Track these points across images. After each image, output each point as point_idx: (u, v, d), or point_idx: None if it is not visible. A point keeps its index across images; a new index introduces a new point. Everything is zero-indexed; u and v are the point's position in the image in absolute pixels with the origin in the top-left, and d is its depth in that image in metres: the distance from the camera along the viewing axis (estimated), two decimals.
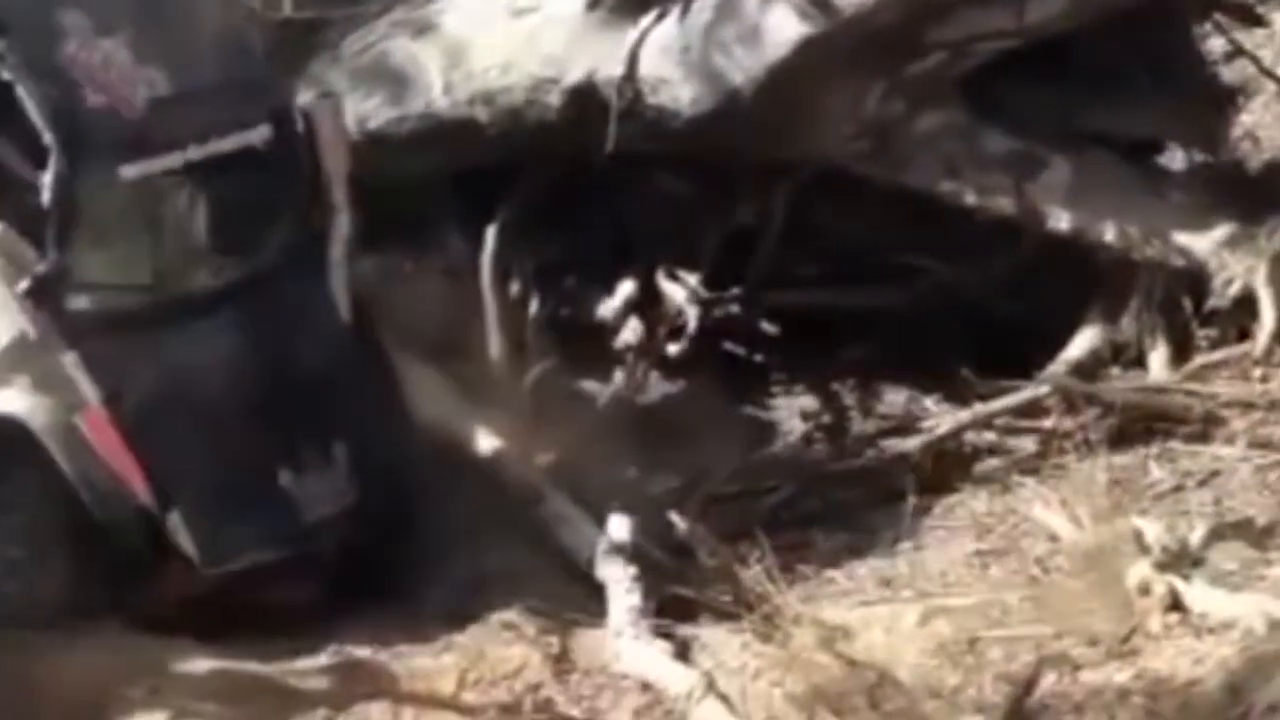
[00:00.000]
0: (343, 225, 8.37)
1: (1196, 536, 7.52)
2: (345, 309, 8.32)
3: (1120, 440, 8.47)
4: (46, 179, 7.86)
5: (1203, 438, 8.50)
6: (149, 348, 7.99)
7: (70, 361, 7.89)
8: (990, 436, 8.83)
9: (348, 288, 8.33)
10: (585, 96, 9.52)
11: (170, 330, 8.04)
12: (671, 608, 7.86)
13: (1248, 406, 8.58)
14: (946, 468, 8.70)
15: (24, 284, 7.90)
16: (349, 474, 8.11)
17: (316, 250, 8.33)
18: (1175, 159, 9.62)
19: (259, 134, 8.29)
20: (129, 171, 7.99)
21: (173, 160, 8.07)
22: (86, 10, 8.08)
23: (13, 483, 7.94)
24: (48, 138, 7.90)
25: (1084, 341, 9.15)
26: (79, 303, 7.94)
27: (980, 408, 8.89)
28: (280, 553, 7.99)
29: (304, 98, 8.64)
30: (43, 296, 7.90)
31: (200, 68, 8.28)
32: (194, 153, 8.10)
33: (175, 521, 7.85)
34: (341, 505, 8.10)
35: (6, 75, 7.96)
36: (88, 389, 7.86)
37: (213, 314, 8.11)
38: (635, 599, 7.85)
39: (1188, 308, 9.12)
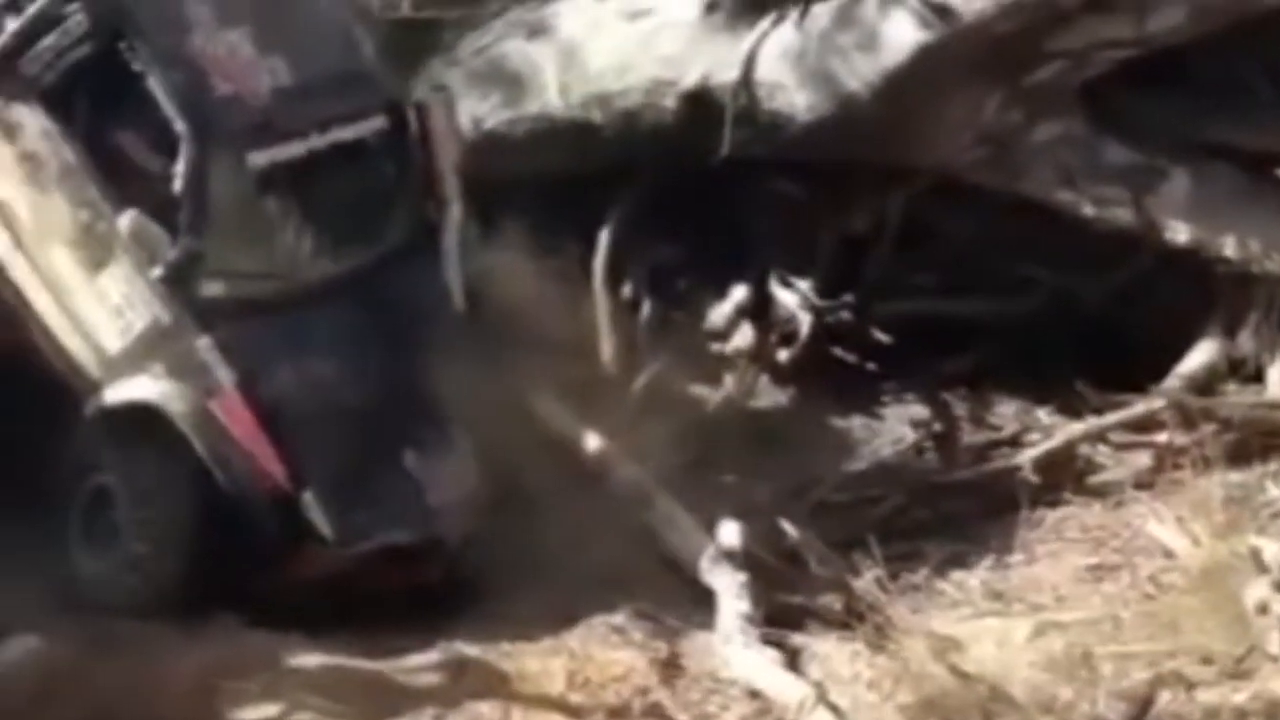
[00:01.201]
0: (455, 216, 8.46)
1: None
2: (459, 297, 8.40)
3: (1237, 456, 8.38)
4: (178, 167, 7.98)
5: None
6: (279, 332, 8.09)
7: (204, 346, 7.99)
8: (1104, 450, 8.77)
9: (461, 277, 8.41)
10: (701, 100, 9.51)
11: (298, 315, 8.14)
12: (781, 615, 7.84)
13: None
14: (1059, 480, 8.64)
15: (157, 270, 8.01)
16: (468, 460, 8.18)
17: (431, 240, 8.42)
18: None
19: (375, 125, 8.39)
20: (257, 158, 8.11)
21: (297, 148, 8.18)
22: (212, 3, 8.20)
23: (144, 474, 8.03)
24: (178, 126, 8.02)
25: (1201, 355, 9.07)
26: (212, 289, 8.05)
27: (1094, 420, 8.83)
28: (408, 534, 8.06)
29: (417, 93, 8.67)
30: (176, 282, 8.01)
31: (318, 59, 8.39)
32: (316, 141, 8.21)
33: (309, 501, 7.93)
34: (463, 490, 8.17)
35: (137, 66, 8.07)
36: (222, 373, 7.96)
37: (336, 300, 8.21)
38: (744, 606, 7.83)
39: None
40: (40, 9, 8.22)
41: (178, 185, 7.99)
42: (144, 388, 8.05)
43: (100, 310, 8.14)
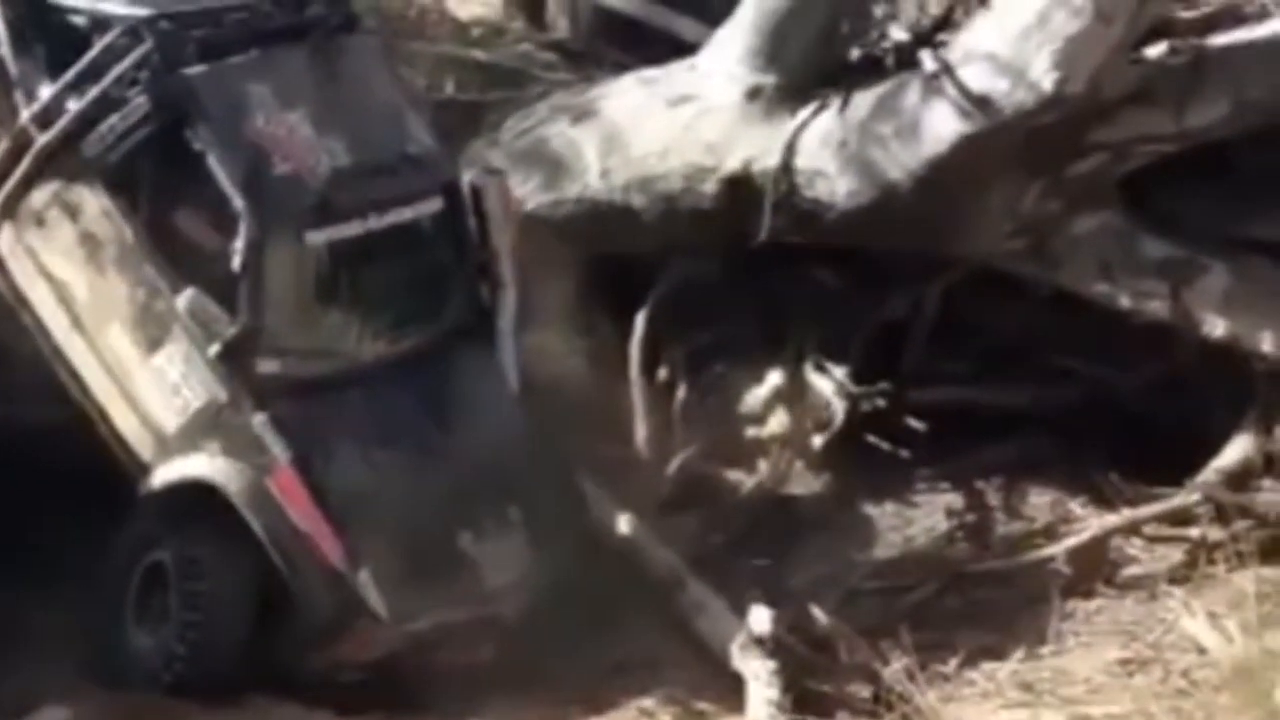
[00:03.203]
0: (510, 299, 8.51)
1: None
2: (514, 380, 8.43)
3: (1271, 552, 8.35)
4: (236, 244, 8.05)
5: None
6: (336, 410, 8.16)
7: (260, 423, 8.05)
8: (1138, 543, 8.76)
9: (516, 360, 8.44)
10: (741, 186, 9.55)
11: (355, 394, 8.21)
12: (810, 702, 7.83)
13: None
14: (1092, 572, 8.63)
15: (215, 348, 8.07)
16: (526, 540, 8.19)
17: (486, 323, 8.47)
18: None
19: (431, 206, 8.47)
20: (315, 237, 8.19)
21: (354, 228, 8.26)
22: (272, 85, 8.30)
23: (198, 550, 8.04)
24: (237, 203, 8.10)
25: (1236, 450, 9.05)
26: (268, 366, 8.12)
27: (1128, 513, 8.82)
28: (464, 613, 8.07)
29: (470, 174, 8.76)
30: (233, 360, 8.08)
31: (376, 141, 8.48)
32: (373, 222, 8.28)
33: (365, 579, 7.94)
34: (521, 570, 8.17)
35: (198, 146, 8.16)
36: (278, 450, 8.02)
37: (393, 381, 8.26)
38: (774, 692, 7.84)
39: None
40: (103, 91, 8.33)
41: (236, 263, 8.08)
42: (200, 465, 8.10)
43: (157, 389, 8.20)
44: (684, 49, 10.21)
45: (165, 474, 8.16)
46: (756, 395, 9.63)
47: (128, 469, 8.27)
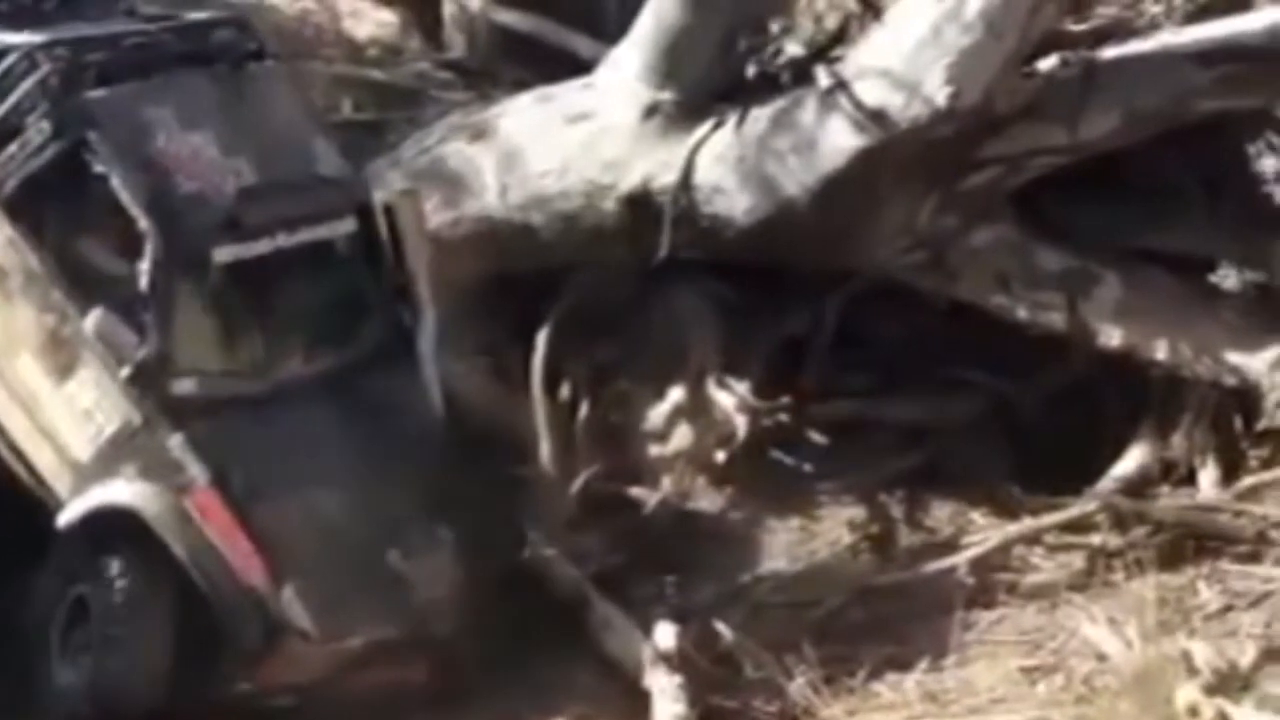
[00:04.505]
0: (431, 320, 8.47)
1: (1246, 659, 7.50)
2: (438, 401, 8.38)
3: (1169, 559, 8.45)
4: (143, 265, 7.97)
5: (1253, 558, 8.48)
6: (254, 430, 8.06)
7: (176, 444, 7.95)
8: (1039, 552, 8.82)
9: (440, 381, 8.40)
10: (640, 203, 9.58)
11: (272, 413, 8.11)
12: (716, 717, 7.87)
13: None
14: (994, 582, 8.69)
15: (127, 370, 7.98)
16: (455, 558, 8.12)
17: (406, 345, 8.42)
18: (1228, 278, 9.63)
19: (344, 227, 8.43)
20: (222, 255, 8.09)
21: (263, 246, 8.19)
22: (173, 108, 8.25)
23: (119, 578, 7.91)
24: (142, 223, 8.02)
25: (1134, 459, 9.15)
26: (182, 387, 8.02)
27: (1029, 523, 8.89)
28: (394, 630, 7.98)
29: (383, 195, 8.72)
30: (146, 381, 7.98)
31: (283, 162, 8.43)
32: (283, 240, 8.22)
33: (289, 597, 7.85)
34: (449, 588, 8.10)
35: (100, 168, 8.09)
36: (195, 470, 7.92)
37: (311, 401, 8.17)
38: (680, 708, 7.86)
39: (1238, 427, 9.12)
40: (1, 118, 8.23)
41: (143, 283, 7.99)
42: (118, 491, 7.99)
43: (70, 417, 8.10)
44: (581, 67, 10.23)
45: (83, 503, 8.05)
46: (659, 412, 9.65)
47: (49, 504, 8.13)
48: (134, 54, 8.44)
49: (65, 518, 8.08)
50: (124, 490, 7.98)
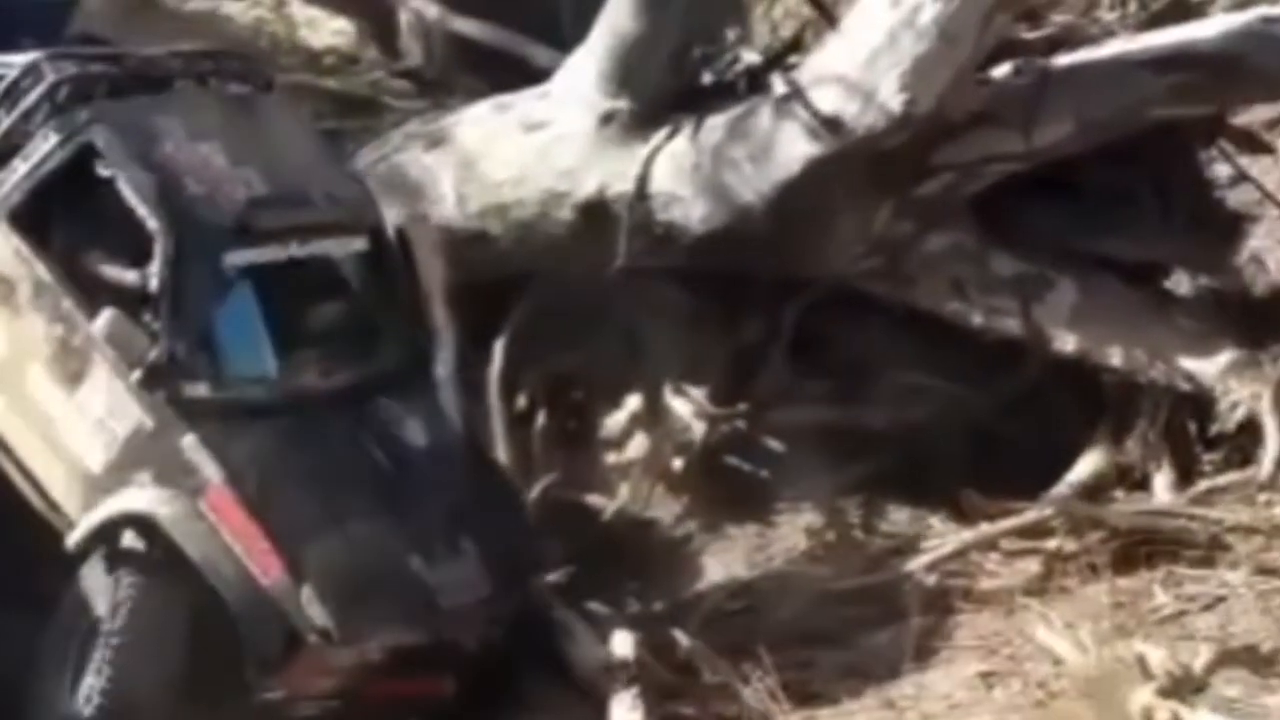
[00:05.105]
0: (449, 343, 8.43)
1: (1200, 662, 7.53)
2: (458, 421, 8.31)
3: (1124, 564, 8.49)
4: (152, 267, 7.88)
5: (1207, 562, 8.52)
6: (270, 434, 7.90)
7: (190, 444, 7.80)
8: (995, 557, 8.85)
9: (458, 401, 8.35)
10: (597, 211, 9.59)
11: (289, 421, 7.98)
12: None
13: (1252, 532, 8.60)
14: (950, 588, 8.72)
15: (138, 373, 7.86)
16: (480, 567, 7.98)
17: (423, 366, 8.34)
18: (1181, 283, 9.68)
19: (356, 245, 8.37)
20: (234, 259, 8.01)
21: (276, 253, 8.10)
22: (181, 119, 8.21)
23: (136, 592, 7.73)
24: (151, 225, 7.92)
25: (1089, 464, 9.18)
26: (196, 390, 7.89)
27: (985, 528, 8.91)
28: (416, 636, 7.81)
29: (396, 217, 8.66)
30: (158, 384, 7.84)
31: (294, 175, 8.36)
32: (296, 250, 8.14)
33: (308, 596, 7.64)
34: (476, 596, 7.95)
35: (107, 172, 8.00)
36: (210, 470, 7.75)
37: (330, 412, 8.05)
38: (638, 715, 7.88)
39: (1193, 432, 9.17)
40: (4, 131, 8.16)
41: (153, 284, 7.88)
42: (131, 498, 7.79)
43: (83, 428, 7.93)
44: (537, 75, 10.24)
45: (96, 515, 7.85)
46: (616, 420, 9.66)
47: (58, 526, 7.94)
48: (141, 70, 8.41)
49: (75, 535, 7.87)
50: (138, 497, 7.78)
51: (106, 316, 7.87)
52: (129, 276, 8.01)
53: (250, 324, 8.13)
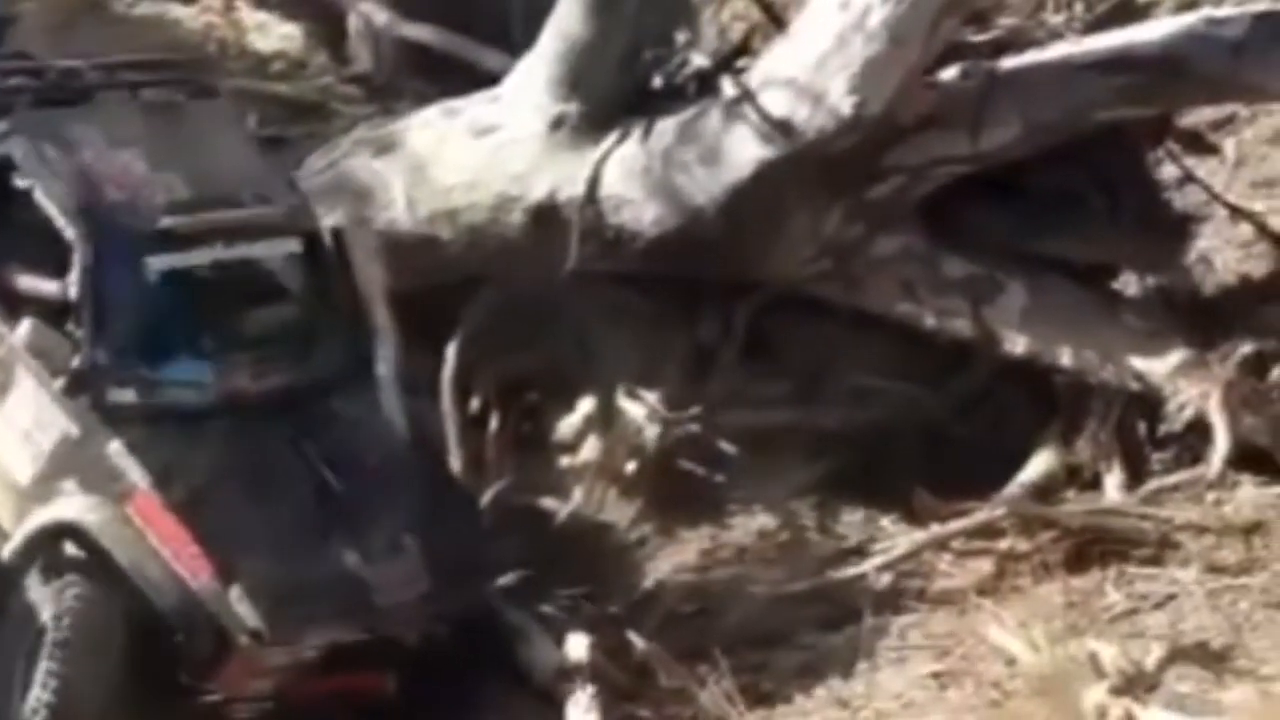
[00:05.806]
0: (390, 345, 8.37)
1: (1152, 660, 7.58)
2: (402, 424, 8.27)
3: (1076, 563, 8.53)
4: (72, 275, 7.85)
5: (1158, 561, 8.57)
6: (197, 438, 7.88)
7: (115, 450, 7.78)
8: (947, 557, 8.88)
9: (401, 402, 8.30)
10: (547, 215, 9.60)
11: (218, 425, 7.95)
12: None
13: (1202, 530, 8.66)
14: (904, 588, 8.75)
15: (61, 381, 7.84)
16: (421, 563, 7.93)
17: (363, 369, 8.30)
18: (1130, 284, 9.73)
19: (288, 247, 8.34)
20: (156, 263, 7.98)
21: (200, 256, 8.07)
22: (100, 128, 8.18)
23: (69, 598, 7.71)
24: (69, 232, 7.90)
25: (1039, 464, 9.23)
26: (121, 396, 7.87)
27: (937, 529, 8.95)
28: (351, 632, 7.77)
29: (331, 221, 8.63)
30: (82, 391, 7.83)
31: (218, 179, 8.32)
32: (220, 253, 8.10)
33: (238, 595, 7.62)
34: (416, 591, 7.91)
35: (24, 183, 7.98)
36: (135, 475, 7.74)
37: (262, 416, 8.02)
38: (593, 718, 7.87)
39: (1142, 431, 9.22)
40: None
41: (72, 292, 7.87)
42: (59, 508, 7.79)
43: (11, 442, 7.91)
44: (487, 80, 10.24)
45: (26, 526, 7.83)
46: (569, 423, 9.67)
47: None
48: (63, 81, 8.38)
49: (8, 548, 7.85)
50: (66, 506, 7.79)
51: (27, 326, 7.87)
52: (50, 286, 7.99)
53: (179, 328, 8.12)
